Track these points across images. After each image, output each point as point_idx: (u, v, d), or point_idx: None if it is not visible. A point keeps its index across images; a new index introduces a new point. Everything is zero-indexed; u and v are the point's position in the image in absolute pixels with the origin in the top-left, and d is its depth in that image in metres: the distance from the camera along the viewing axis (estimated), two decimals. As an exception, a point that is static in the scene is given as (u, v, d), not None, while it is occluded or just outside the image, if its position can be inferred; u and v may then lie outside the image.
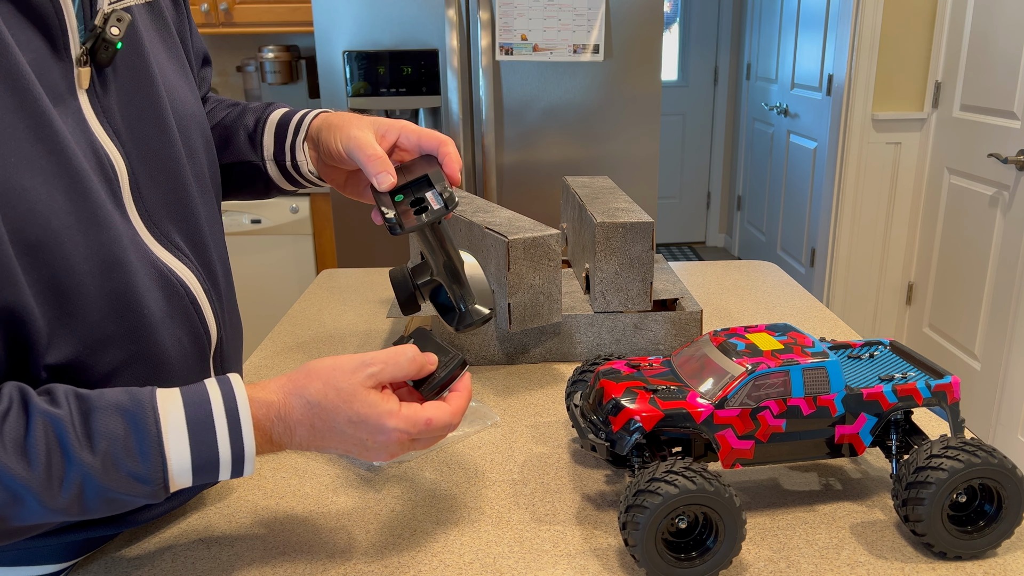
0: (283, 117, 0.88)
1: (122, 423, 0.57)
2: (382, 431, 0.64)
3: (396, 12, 2.30)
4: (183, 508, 0.82)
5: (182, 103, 0.76)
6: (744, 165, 4.80)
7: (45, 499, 0.55)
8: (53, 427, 0.55)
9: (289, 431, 0.63)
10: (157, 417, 0.58)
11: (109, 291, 0.63)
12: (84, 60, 0.64)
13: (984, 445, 0.70)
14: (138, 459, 0.57)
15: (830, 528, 0.76)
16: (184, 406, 0.59)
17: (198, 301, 0.73)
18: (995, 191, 2.59)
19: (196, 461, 0.59)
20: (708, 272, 1.59)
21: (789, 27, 3.91)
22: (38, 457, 0.54)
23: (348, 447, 0.65)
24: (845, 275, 3.27)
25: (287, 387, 0.64)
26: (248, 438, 0.60)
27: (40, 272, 0.58)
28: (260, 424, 0.62)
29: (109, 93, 0.67)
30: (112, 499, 0.58)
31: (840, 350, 0.86)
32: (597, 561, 0.72)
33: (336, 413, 0.63)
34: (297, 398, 0.63)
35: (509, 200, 2.44)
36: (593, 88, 2.35)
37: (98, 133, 0.65)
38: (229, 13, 2.72)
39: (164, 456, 0.57)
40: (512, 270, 1.05)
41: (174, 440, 0.58)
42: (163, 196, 0.71)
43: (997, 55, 2.56)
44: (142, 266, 0.66)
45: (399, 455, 0.67)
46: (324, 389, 0.63)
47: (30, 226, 0.57)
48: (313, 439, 0.64)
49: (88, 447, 0.55)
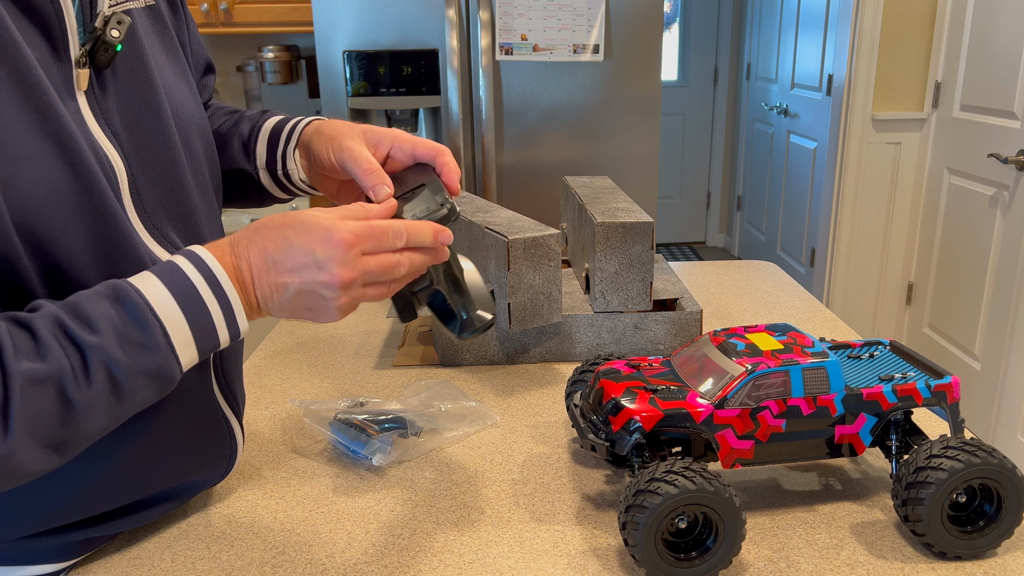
0: (277, 125, 0.88)
1: (109, 303, 0.58)
2: (328, 238, 0.63)
3: (396, 12, 2.30)
4: (183, 508, 0.82)
5: (182, 106, 0.76)
6: (744, 165, 4.80)
7: (82, 395, 0.56)
8: (55, 321, 0.56)
9: (245, 262, 0.64)
10: (137, 288, 0.59)
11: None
12: (83, 62, 0.64)
13: (984, 445, 0.70)
14: (136, 328, 0.58)
15: (830, 528, 0.76)
16: (155, 274, 0.61)
17: None
18: (995, 191, 2.59)
19: (187, 313, 0.60)
20: (708, 272, 1.59)
21: (789, 27, 3.91)
22: (57, 352, 0.55)
23: (305, 275, 0.64)
24: (845, 275, 3.27)
25: (234, 236, 0.66)
26: (220, 274, 0.62)
27: (44, 263, 0.59)
28: (222, 261, 0.63)
29: (108, 95, 0.67)
30: (140, 380, 0.59)
31: (840, 350, 0.86)
32: (597, 561, 0.72)
33: (283, 226, 0.64)
34: (243, 232, 0.65)
35: (509, 200, 2.44)
36: (593, 88, 2.35)
37: (96, 135, 0.65)
38: (229, 13, 2.72)
39: (159, 319, 0.59)
40: (512, 270, 1.05)
41: (158, 297, 0.60)
42: (162, 197, 0.71)
43: (997, 55, 2.56)
44: (143, 265, 0.67)
45: (354, 286, 0.65)
46: (274, 216, 0.66)
47: (38, 218, 0.58)
48: (271, 271, 0.64)
49: (90, 330, 0.57)
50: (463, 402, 1.01)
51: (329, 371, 1.15)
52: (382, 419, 0.93)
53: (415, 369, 1.15)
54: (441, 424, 0.95)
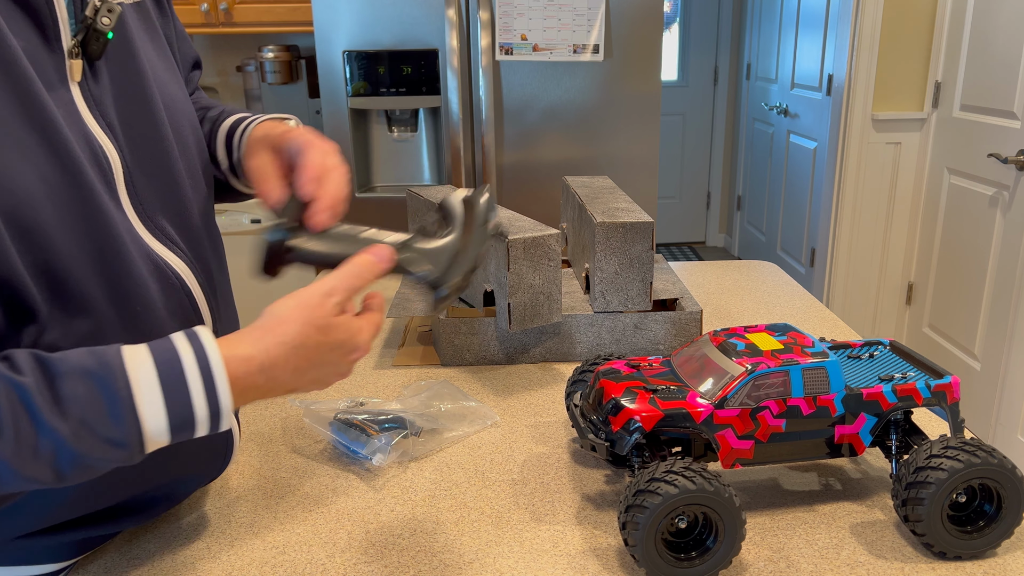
0: (229, 129, 0.87)
1: (91, 387, 0.55)
2: (355, 347, 0.66)
3: (396, 12, 2.30)
4: (183, 508, 0.82)
5: (172, 99, 0.77)
6: (744, 165, 4.80)
7: (17, 467, 0.53)
8: (19, 394, 0.53)
9: (272, 379, 0.62)
10: (127, 379, 0.56)
11: (107, 278, 0.63)
12: (76, 52, 0.64)
13: (984, 445, 0.70)
14: (111, 423, 0.55)
15: (830, 528, 0.76)
16: (155, 364, 0.58)
17: (193, 294, 0.73)
18: (995, 191, 2.59)
19: (173, 421, 0.57)
20: (708, 272, 1.59)
21: (789, 27, 3.91)
22: (6, 425, 0.52)
23: (325, 376, 0.65)
24: (845, 275, 3.27)
25: (264, 338, 0.62)
26: (224, 394, 0.59)
27: (35, 255, 0.58)
28: (239, 379, 0.60)
29: (101, 86, 0.67)
30: (88, 465, 0.56)
31: (840, 350, 0.86)
32: (597, 561, 0.72)
33: (320, 348, 0.64)
34: (279, 346, 0.62)
35: (509, 200, 2.44)
36: (593, 88, 2.35)
37: (91, 125, 0.65)
38: (229, 13, 2.72)
39: (138, 417, 0.56)
40: (512, 270, 1.05)
41: (148, 401, 0.56)
42: (156, 189, 0.71)
43: (997, 55, 2.56)
44: (138, 257, 0.67)
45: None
46: (303, 329, 0.63)
47: (25, 208, 0.57)
48: (295, 380, 0.64)
49: (58, 413, 0.54)
50: (463, 402, 1.01)
51: (329, 371, 1.15)
52: (382, 419, 0.93)
53: (415, 369, 1.15)
54: (441, 424, 0.95)
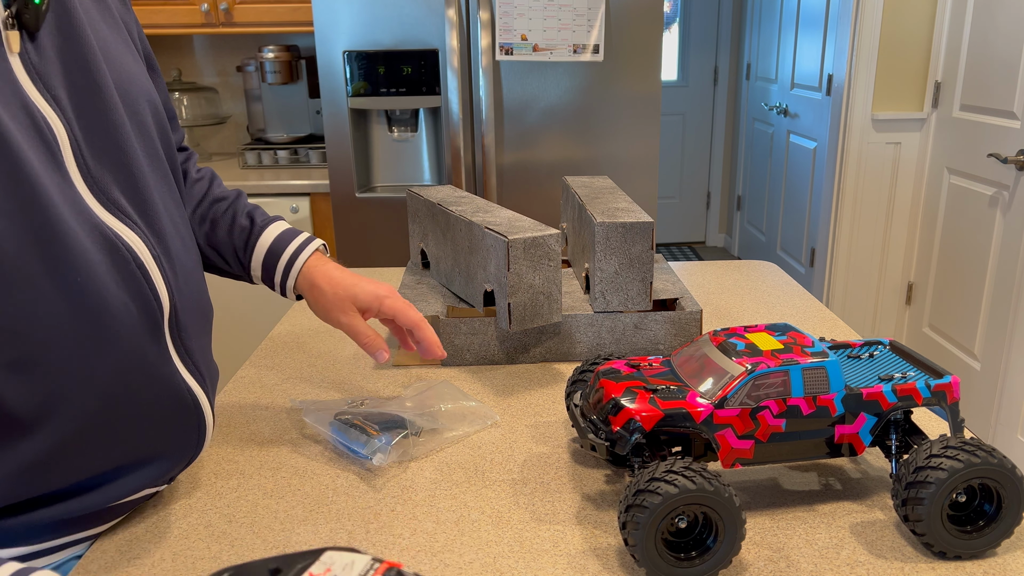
0: (271, 250, 0.98)
1: None
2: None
3: (396, 12, 2.30)
4: (183, 508, 0.82)
5: (127, 74, 0.77)
6: (744, 165, 4.80)
7: None
8: None
9: None
10: None
11: (41, 247, 0.63)
12: (11, 23, 0.65)
13: (984, 445, 0.70)
14: None
15: (830, 528, 0.76)
16: None
17: (146, 266, 0.73)
18: (995, 191, 2.59)
19: None
20: (708, 272, 1.59)
21: (789, 27, 3.91)
22: None
23: None
24: (845, 275, 3.27)
25: None
26: None
27: None
28: None
29: (44, 57, 0.68)
30: None
31: (840, 350, 0.86)
32: (597, 561, 0.72)
33: None
34: None
35: (509, 200, 2.44)
36: (593, 88, 2.35)
37: (33, 96, 0.66)
38: (229, 13, 2.72)
39: None
40: (512, 270, 1.05)
41: None
42: (107, 160, 0.72)
43: (997, 55, 2.56)
44: (83, 229, 0.67)
45: None
46: None
47: None
48: None
49: None
50: (463, 402, 1.01)
51: (329, 371, 1.15)
52: (382, 419, 0.93)
53: (415, 369, 1.15)
54: (441, 424, 0.95)
